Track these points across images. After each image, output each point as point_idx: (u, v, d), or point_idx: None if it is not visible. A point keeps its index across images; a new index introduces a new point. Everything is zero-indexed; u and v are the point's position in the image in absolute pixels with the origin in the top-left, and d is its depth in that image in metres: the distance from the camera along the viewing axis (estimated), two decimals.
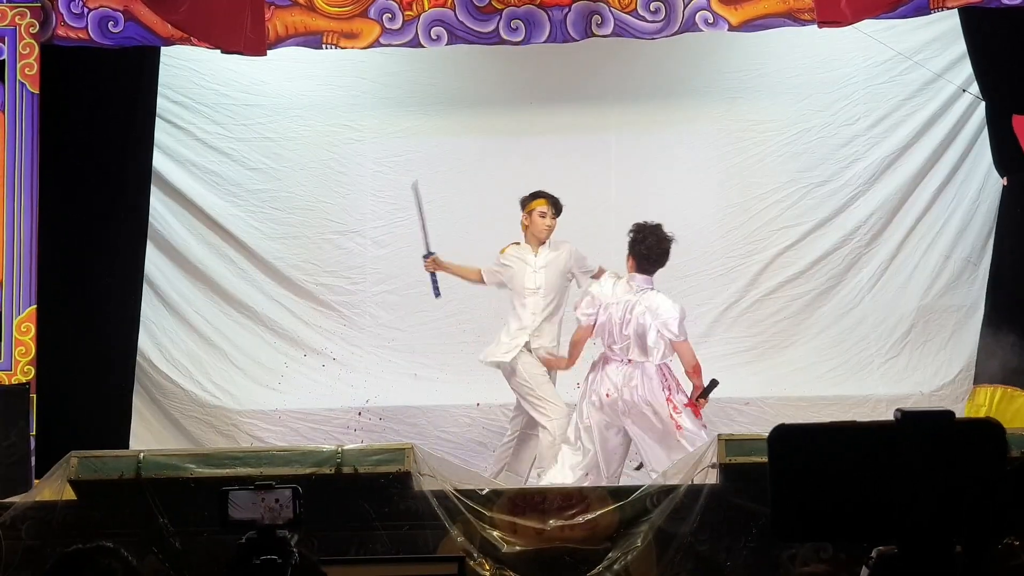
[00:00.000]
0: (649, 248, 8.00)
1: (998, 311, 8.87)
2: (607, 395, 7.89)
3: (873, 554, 2.32)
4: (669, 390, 7.87)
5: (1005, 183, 8.98)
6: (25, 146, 8.48)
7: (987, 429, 2.27)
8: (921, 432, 2.27)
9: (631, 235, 8.06)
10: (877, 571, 2.30)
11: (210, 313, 9.86)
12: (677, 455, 7.46)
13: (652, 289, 8.02)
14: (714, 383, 7.91)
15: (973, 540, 2.22)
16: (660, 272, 8.05)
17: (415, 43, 8.64)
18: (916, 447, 2.26)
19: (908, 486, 2.25)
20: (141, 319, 9.24)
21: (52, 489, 6.77)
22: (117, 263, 9.01)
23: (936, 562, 2.24)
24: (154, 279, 9.64)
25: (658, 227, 8.04)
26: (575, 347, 8.26)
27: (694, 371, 7.96)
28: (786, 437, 2.33)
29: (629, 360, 7.92)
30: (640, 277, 8.03)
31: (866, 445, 2.29)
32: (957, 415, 2.31)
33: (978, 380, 8.89)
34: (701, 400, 7.92)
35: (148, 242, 9.31)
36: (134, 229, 9.11)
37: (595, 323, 8.04)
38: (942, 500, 2.24)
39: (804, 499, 2.30)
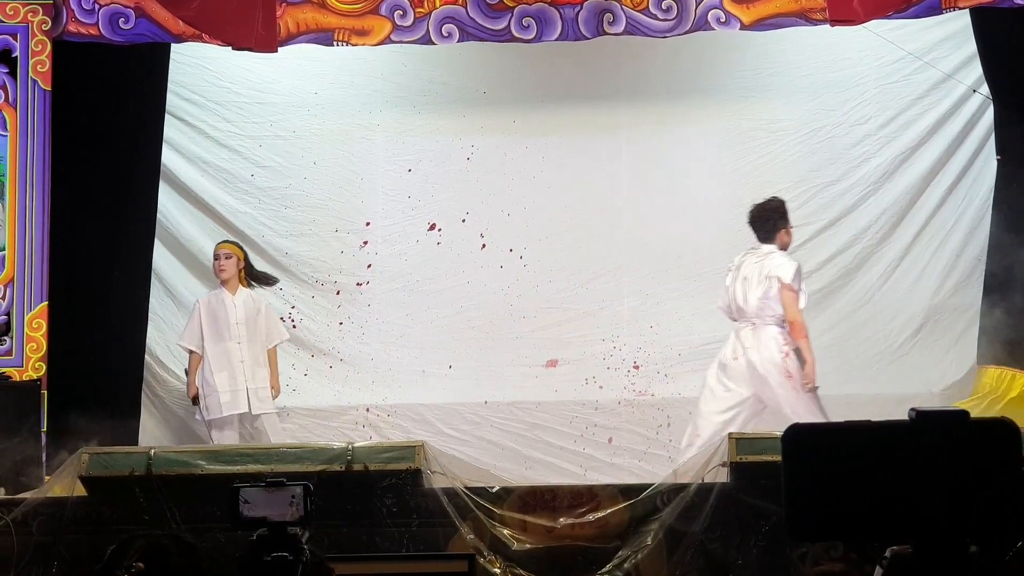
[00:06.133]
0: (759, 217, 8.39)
1: (991, 292, 8.92)
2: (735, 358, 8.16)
3: (887, 554, 2.31)
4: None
5: (1000, 158, 8.97)
6: (36, 142, 8.48)
7: (1002, 428, 2.26)
8: (936, 431, 2.27)
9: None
10: (891, 571, 2.30)
11: None
12: None
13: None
14: None
15: (988, 540, 2.21)
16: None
17: (426, 40, 8.63)
18: (931, 446, 2.26)
19: (922, 485, 2.25)
20: (150, 316, 9.25)
21: (63, 485, 6.78)
22: (126, 259, 9.02)
23: (951, 562, 2.23)
24: (163, 276, 9.64)
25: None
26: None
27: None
28: (800, 436, 2.32)
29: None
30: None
31: (880, 444, 2.28)
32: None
33: (981, 360, 8.93)
34: None
35: (157, 238, 9.32)
36: (144, 225, 9.12)
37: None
38: (957, 499, 2.23)
39: (818, 498, 2.29)
